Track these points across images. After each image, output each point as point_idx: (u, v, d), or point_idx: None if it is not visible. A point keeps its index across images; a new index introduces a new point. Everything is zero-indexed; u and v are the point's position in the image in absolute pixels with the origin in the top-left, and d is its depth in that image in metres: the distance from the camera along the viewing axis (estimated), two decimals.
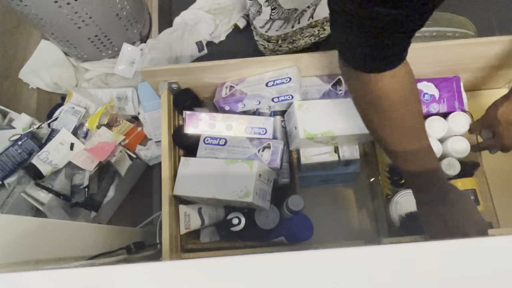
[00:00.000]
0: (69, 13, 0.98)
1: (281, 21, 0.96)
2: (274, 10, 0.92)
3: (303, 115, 0.78)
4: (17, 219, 0.55)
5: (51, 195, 0.94)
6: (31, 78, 1.22)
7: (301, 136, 0.76)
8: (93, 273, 0.39)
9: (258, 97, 0.80)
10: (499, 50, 0.81)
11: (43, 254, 0.58)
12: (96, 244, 0.72)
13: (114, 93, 1.14)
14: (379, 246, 0.38)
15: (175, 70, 0.80)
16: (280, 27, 0.98)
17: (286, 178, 0.83)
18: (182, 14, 1.24)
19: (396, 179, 0.88)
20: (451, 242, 0.38)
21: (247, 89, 0.81)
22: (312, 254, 0.38)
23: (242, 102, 0.82)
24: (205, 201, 0.80)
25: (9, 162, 0.95)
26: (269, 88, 0.78)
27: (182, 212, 0.78)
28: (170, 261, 0.66)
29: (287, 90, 0.78)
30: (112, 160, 1.00)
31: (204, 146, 0.80)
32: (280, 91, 0.78)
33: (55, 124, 1.03)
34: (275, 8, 0.91)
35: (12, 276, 0.38)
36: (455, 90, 0.89)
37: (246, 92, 0.80)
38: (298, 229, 0.74)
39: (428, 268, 0.36)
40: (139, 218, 1.06)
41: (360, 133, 0.78)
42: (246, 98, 0.80)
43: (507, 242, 0.37)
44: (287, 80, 0.78)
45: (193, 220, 0.79)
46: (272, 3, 0.90)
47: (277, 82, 0.79)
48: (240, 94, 0.81)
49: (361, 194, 0.99)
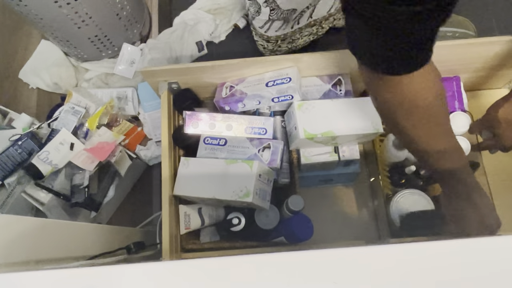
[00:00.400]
0: (69, 13, 0.98)
1: (280, 21, 0.96)
2: (273, 11, 0.92)
3: (303, 115, 0.78)
4: (17, 219, 0.55)
5: (51, 195, 0.94)
6: (31, 78, 1.22)
7: (301, 136, 0.76)
8: (93, 273, 0.39)
9: (258, 97, 0.80)
10: (499, 50, 0.81)
11: (43, 254, 0.58)
12: (96, 244, 0.72)
13: (114, 93, 1.14)
14: (379, 246, 0.38)
15: (175, 70, 0.80)
16: (279, 28, 0.98)
17: (286, 178, 0.83)
18: (182, 14, 1.24)
19: (396, 178, 0.89)
20: (451, 242, 0.38)
21: (247, 89, 0.81)
22: (312, 254, 0.38)
23: (242, 102, 0.82)
24: (205, 201, 0.80)
25: (9, 162, 0.95)
26: (269, 88, 0.78)
27: (182, 212, 0.78)
28: (170, 261, 0.66)
29: (287, 90, 0.78)
30: (112, 160, 1.00)
31: (204, 146, 0.80)
32: (280, 91, 0.78)
33: (55, 124, 1.03)
34: (274, 9, 0.91)
35: (12, 276, 0.38)
36: (455, 90, 0.89)
37: (246, 92, 0.80)
38: (298, 229, 0.74)
39: (428, 268, 0.36)
40: (139, 218, 1.06)
41: (360, 133, 0.78)
42: (246, 98, 0.80)
43: (507, 242, 0.37)
44: (287, 80, 0.78)
45: (193, 220, 0.79)
46: (271, 4, 0.90)
47: (277, 82, 0.79)
48: (240, 94, 0.81)
49: (362, 194, 0.99)
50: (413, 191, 0.84)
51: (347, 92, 0.83)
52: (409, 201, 0.83)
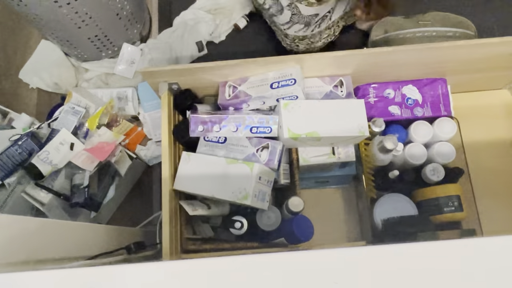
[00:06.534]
0: (69, 13, 0.98)
1: (301, 25, 0.96)
2: (295, 15, 0.92)
3: (289, 115, 0.77)
4: (17, 219, 0.55)
5: (51, 195, 0.94)
6: (31, 78, 1.22)
7: (285, 135, 0.76)
8: (93, 273, 0.39)
9: (263, 98, 0.80)
10: (499, 51, 0.81)
11: (43, 254, 0.58)
12: (96, 244, 0.72)
13: (114, 93, 1.14)
14: (379, 246, 0.38)
15: (175, 71, 0.80)
16: (299, 30, 0.99)
17: (287, 179, 0.83)
18: (182, 14, 1.24)
19: (380, 182, 0.88)
20: (451, 242, 0.38)
21: (251, 90, 0.81)
22: (312, 254, 0.38)
23: (246, 103, 0.81)
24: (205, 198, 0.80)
25: (9, 162, 0.95)
26: (274, 90, 0.78)
27: (184, 203, 0.77)
28: (170, 261, 0.66)
29: (292, 92, 0.78)
30: (112, 160, 1.00)
31: (204, 142, 0.80)
32: (285, 93, 0.78)
33: (55, 124, 1.03)
34: (295, 14, 0.91)
35: (12, 276, 0.38)
36: (440, 93, 0.89)
37: (250, 94, 0.80)
38: (298, 230, 0.74)
39: (428, 268, 0.36)
40: (139, 218, 1.06)
41: (345, 135, 0.77)
42: (250, 100, 0.80)
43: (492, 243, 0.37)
44: (292, 82, 0.77)
45: (198, 206, 0.78)
46: (293, 9, 0.90)
47: (282, 84, 0.78)
48: (245, 96, 0.80)
49: (350, 197, 0.99)
50: (397, 195, 0.85)
51: (348, 93, 0.83)
52: (391, 205, 0.84)
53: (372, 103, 0.89)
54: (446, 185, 0.84)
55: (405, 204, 0.85)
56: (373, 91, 0.89)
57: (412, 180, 0.86)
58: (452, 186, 0.84)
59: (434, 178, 0.84)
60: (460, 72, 0.88)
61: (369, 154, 0.87)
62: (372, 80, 0.89)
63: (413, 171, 0.87)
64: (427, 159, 0.87)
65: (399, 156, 0.88)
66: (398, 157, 0.88)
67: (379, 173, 0.88)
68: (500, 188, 0.96)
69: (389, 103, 0.89)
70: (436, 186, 0.85)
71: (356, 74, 0.84)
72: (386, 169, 0.87)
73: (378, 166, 0.89)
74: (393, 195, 0.86)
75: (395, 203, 0.85)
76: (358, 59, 0.80)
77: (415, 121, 0.88)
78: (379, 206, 0.85)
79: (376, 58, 0.80)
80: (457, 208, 0.83)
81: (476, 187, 0.88)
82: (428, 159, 0.88)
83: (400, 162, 0.89)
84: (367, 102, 0.88)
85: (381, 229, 0.84)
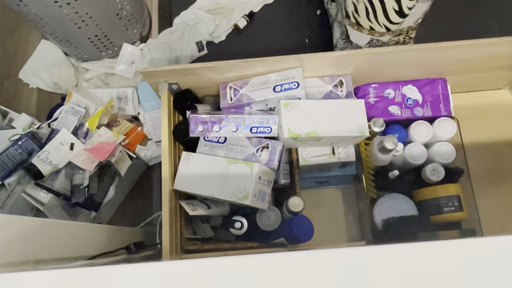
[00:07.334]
0: (69, 13, 0.98)
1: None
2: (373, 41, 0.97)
3: (289, 114, 0.77)
4: (17, 219, 0.55)
5: (51, 195, 0.94)
6: (31, 78, 1.22)
7: (285, 135, 0.76)
8: (93, 273, 0.39)
9: (265, 101, 0.80)
10: (499, 51, 0.81)
11: (43, 254, 0.58)
12: (96, 244, 0.72)
13: (114, 93, 1.14)
14: (379, 246, 0.38)
15: (175, 71, 0.80)
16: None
17: (287, 179, 0.83)
18: (182, 14, 1.24)
19: (381, 182, 0.88)
20: (451, 242, 0.38)
21: (253, 94, 0.80)
22: (312, 254, 0.38)
23: (249, 107, 0.81)
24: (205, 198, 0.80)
25: (9, 162, 0.95)
26: (277, 94, 0.78)
27: (184, 203, 0.77)
28: (170, 261, 0.66)
29: (295, 96, 0.78)
30: (112, 160, 1.00)
31: (204, 142, 0.80)
32: (288, 96, 0.78)
33: (55, 124, 1.03)
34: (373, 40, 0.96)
35: (12, 276, 0.38)
36: (440, 93, 0.89)
37: (253, 98, 0.80)
38: (298, 230, 0.74)
39: (428, 268, 0.36)
40: (139, 218, 1.06)
41: (345, 135, 0.77)
42: (253, 104, 0.80)
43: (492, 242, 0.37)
44: (295, 85, 0.77)
45: (198, 206, 0.78)
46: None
47: (285, 87, 0.78)
48: (248, 100, 0.80)
49: (350, 197, 0.98)
50: (397, 195, 0.85)
51: (348, 93, 0.83)
52: (392, 205, 0.84)
53: (372, 103, 0.89)
54: (446, 185, 0.84)
55: (405, 204, 0.85)
56: (373, 91, 0.89)
57: (412, 180, 0.86)
58: (452, 186, 0.84)
59: (434, 178, 0.84)
60: (460, 72, 0.88)
61: (369, 154, 0.87)
62: (372, 80, 0.89)
63: (413, 171, 0.87)
64: (427, 159, 0.87)
65: (399, 156, 0.88)
66: (398, 157, 0.88)
67: (379, 173, 0.88)
68: (500, 188, 0.96)
69: (389, 103, 0.89)
70: (436, 186, 0.85)
71: (356, 74, 0.84)
72: (386, 169, 0.87)
73: (378, 166, 0.89)
74: (393, 195, 0.86)
75: (395, 203, 0.85)
76: (358, 59, 0.80)
77: (415, 121, 0.88)
78: (379, 206, 0.85)
79: (376, 58, 0.80)
80: (457, 208, 0.83)
81: (476, 187, 0.87)
82: (428, 159, 0.88)
83: (400, 162, 0.89)
84: (367, 102, 0.88)
85: (381, 229, 0.84)
